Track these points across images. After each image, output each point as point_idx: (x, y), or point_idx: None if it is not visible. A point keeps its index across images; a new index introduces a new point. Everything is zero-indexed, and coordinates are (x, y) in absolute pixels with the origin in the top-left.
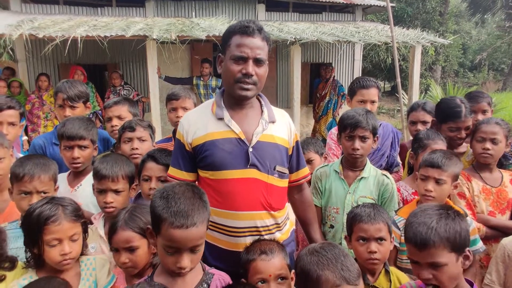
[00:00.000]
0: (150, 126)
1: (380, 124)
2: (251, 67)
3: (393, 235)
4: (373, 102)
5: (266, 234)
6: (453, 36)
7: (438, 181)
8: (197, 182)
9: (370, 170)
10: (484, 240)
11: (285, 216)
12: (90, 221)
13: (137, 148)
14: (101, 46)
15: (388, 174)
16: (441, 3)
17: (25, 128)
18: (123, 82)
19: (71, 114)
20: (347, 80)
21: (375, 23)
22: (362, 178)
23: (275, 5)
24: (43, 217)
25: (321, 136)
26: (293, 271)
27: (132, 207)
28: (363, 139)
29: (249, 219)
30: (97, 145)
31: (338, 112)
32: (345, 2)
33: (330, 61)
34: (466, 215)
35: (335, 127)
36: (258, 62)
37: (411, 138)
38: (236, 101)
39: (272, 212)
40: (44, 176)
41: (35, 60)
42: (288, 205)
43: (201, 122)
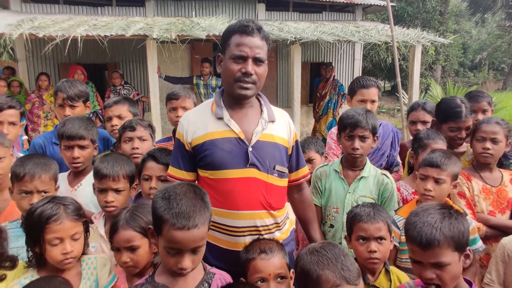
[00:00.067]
0: (150, 126)
1: (380, 123)
2: (250, 66)
3: (393, 235)
4: (373, 101)
5: (266, 234)
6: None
7: (437, 181)
8: (196, 182)
9: (370, 170)
10: (484, 239)
11: (285, 215)
12: (90, 221)
13: (137, 147)
14: (101, 46)
15: (388, 174)
16: (441, 2)
17: (25, 128)
18: (123, 82)
19: (71, 114)
20: (347, 79)
21: (375, 22)
22: (362, 177)
23: (275, 4)
24: (45, 216)
25: (321, 135)
26: (292, 270)
27: (133, 207)
28: (362, 138)
29: (249, 219)
30: (97, 144)
31: (338, 111)
32: (345, 2)
33: (330, 61)
34: (466, 215)
35: (335, 127)
36: (257, 61)
37: (411, 137)
38: (235, 101)
39: (272, 211)
40: (45, 175)
41: (35, 59)
42: (288, 205)
43: (200, 121)
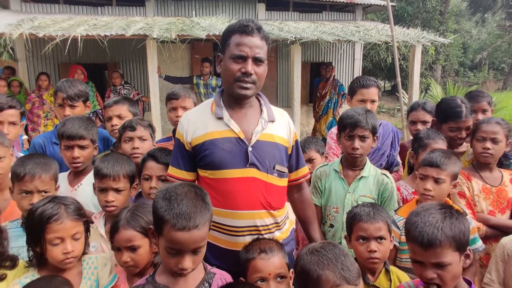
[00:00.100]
0: (150, 126)
1: (380, 123)
2: (250, 66)
3: (392, 235)
4: (373, 101)
5: (266, 233)
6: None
7: (437, 180)
8: (196, 182)
9: (370, 170)
10: (484, 239)
11: (285, 215)
12: (91, 220)
13: (137, 147)
14: (101, 45)
15: (388, 174)
16: (442, 2)
17: (25, 127)
18: (123, 82)
19: (70, 113)
20: (347, 79)
21: (375, 22)
22: (361, 177)
23: (275, 4)
24: (46, 216)
25: (321, 135)
26: (291, 270)
27: (133, 206)
28: (362, 138)
29: (249, 218)
30: (97, 144)
31: (338, 111)
32: (345, 1)
33: (330, 61)
34: (466, 215)
35: (335, 127)
36: (257, 61)
37: (411, 137)
38: (235, 100)
39: (272, 211)
40: (45, 175)
41: (35, 59)
42: (287, 204)
43: (200, 121)
